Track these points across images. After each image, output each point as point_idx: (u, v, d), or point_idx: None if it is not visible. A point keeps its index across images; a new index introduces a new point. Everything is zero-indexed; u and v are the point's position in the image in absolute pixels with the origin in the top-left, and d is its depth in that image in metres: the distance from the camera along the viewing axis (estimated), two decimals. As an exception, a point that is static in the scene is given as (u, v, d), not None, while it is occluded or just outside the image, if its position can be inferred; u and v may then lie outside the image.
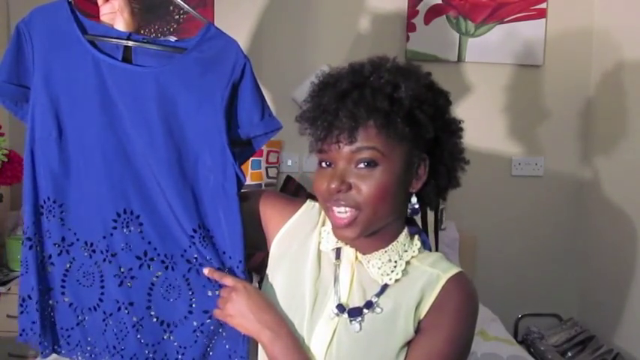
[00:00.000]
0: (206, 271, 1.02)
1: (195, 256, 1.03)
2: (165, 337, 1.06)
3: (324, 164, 0.93)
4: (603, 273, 2.51)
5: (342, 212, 0.90)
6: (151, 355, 1.06)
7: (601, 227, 2.52)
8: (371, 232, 0.94)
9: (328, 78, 0.95)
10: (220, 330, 1.05)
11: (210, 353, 1.06)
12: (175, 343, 1.06)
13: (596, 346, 2.38)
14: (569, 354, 2.40)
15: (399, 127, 0.88)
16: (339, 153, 0.90)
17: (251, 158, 2.33)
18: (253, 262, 2.23)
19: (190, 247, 1.03)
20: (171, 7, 2.35)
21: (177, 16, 2.37)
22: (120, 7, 1.05)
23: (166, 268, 1.04)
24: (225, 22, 2.40)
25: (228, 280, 1.00)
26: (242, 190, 1.06)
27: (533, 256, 2.63)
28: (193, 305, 1.04)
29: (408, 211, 0.96)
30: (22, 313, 1.06)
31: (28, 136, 1.03)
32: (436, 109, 0.93)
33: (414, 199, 0.95)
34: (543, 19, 2.51)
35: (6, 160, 1.94)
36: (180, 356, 1.06)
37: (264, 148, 2.40)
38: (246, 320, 0.96)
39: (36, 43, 1.01)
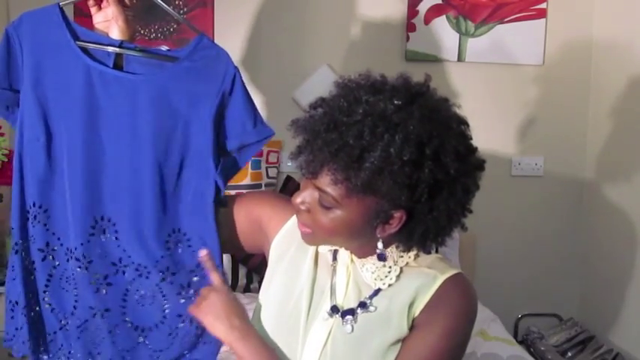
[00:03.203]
0: (203, 252, 1.02)
1: (168, 266, 1.03)
2: (139, 342, 1.06)
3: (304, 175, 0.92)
4: (603, 273, 2.51)
5: (301, 225, 0.93)
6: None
7: (601, 227, 2.52)
8: (353, 243, 0.94)
9: (320, 101, 0.91)
10: (197, 332, 1.05)
11: (187, 355, 1.06)
12: (150, 347, 1.06)
13: (596, 346, 2.38)
14: (569, 354, 2.40)
15: (359, 185, 0.82)
16: (308, 178, 0.89)
17: (251, 158, 2.34)
18: (253, 263, 2.24)
19: (163, 257, 1.03)
20: (171, 7, 2.35)
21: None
22: (114, 14, 1.04)
23: (140, 275, 1.04)
24: (225, 22, 2.40)
25: (214, 277, 1.01)
26: (241, 192, 1.06)
27: (533, 256, 2.63)
28: (167, 311, 1.05)
29: (375, 252, 0.92)
30: (12, 318, 1.07)
31: (16, 141, 1.03)
32: (418, 180, 0.82)
33: (380, 245, 0.91)
34: (543, 19, 2.51)
35: (6, 160, 1.94)
36: (155, 359, 1.06)
37: (264, 148, 2.40)
38: (218, 321, 0.95)
39: (25, 47, 1.01)
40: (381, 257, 0.92)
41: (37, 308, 1.06)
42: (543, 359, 2.36)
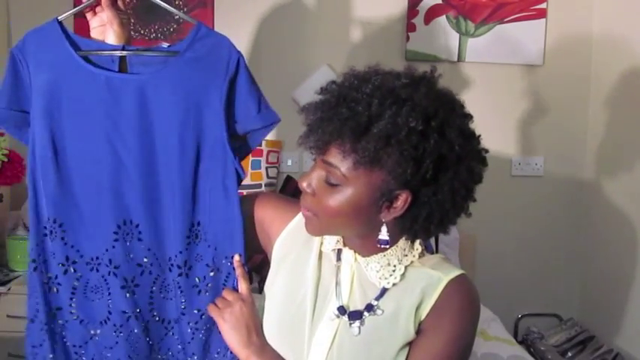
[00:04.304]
0: (236, 257, 1.04)
1: (185, 260, 1.04)
2: (167, 334, 1.08)
3: (313, 159, 0.94)
4: (603, 273, 2.51)
5: (305, 211, 0.93)
6: (157, 355, 1.08)
7: (601, 227, 2.52)
8: (356, 236, 0.95)
9: (330, 83, 0.93)
10: (216, 325, 1.06)
11: (210, 346, 1.08)
12: (176, 338, 1.08)
13: (596, 346, 2.38)
14: (569, 354, 2.40)
15: (366, 156, 0.83)
16: (317, 156, 0.91)
17: (251, 158, 2.35)
18: (253, 262, 2.23)
19: (181, 252, 1.04)
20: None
21: (177, 16, 2.37)
22: (109, 19, 1.05)
23: (163, 270, 1.06)
24: (225, 22, 2.40)
25: (243, 286, 1.03)
26: (241, 192, 1.06)
27: (533, 256, 2.63)
28: (185, 307, 1.06)
29: (377, 239, 0.91)
30: (30, 335, 1.07)
31: (29, 157, 1.03)
32: (424, 153, 0.83)
33: (383, 229, 0.90)
34: (543, 19, 2.51)
35: (6, 160, 1.95)
36: (182, 350, 1.08)
37: (264, 148, 2.40)
38: (237, 332, 0.97)
39: (32, 67, 1.02)
40: (384, 243, 0.91)
41: (62, 322, 1.07)
42: (543, 359, 2.36)
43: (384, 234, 0.90)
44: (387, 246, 0.92)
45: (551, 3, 2.51)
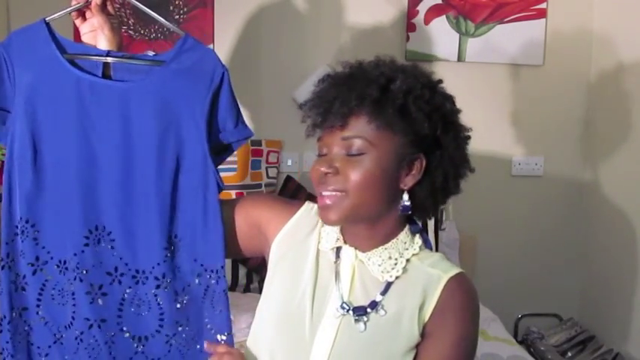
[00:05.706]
0: (205, 344, 1.02)
1: (164, 272, 1.03)
2: (137, 352, 1.06)
3: (321, 153, 0.96)
4: (603, 273, 2.51)
5: (328, 194, 0.93)
6: None
7: (601, 227, 2.52)
8: (365, 226, 0.95)
9: (330, 72, 0.98)
10: (194, 338, 1.05)
11: None
12: (148, 357, 1.06)
13: (596, 346, 2.38)
14: (569, 354, 2.40)
15: (389, 117, 0.90)
16: (332, 139, 0.93)
17: (251, 158, 2.36)
18: (253, 263, 2.24)
19: (159, 264, 1.03)
20: (171, 7, 2.35)
21: (178, 16, 2.37)
22: (99, 24, 1.05)
23: (137, 282, 1.04)
24: (225, 22, 2.41)
25: (220, 349, 1.00)
26: (241, 192, 1.06)
27: (533, 256, 2.63)
28: (164, 319, 1.05)
29: (399, 207, 0.95)
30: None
31: (6, 158, 1.03)
32: (434, 109, 0.92)
33: (405, 196, 0.95)
34: (543, 19, 2.51)
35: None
36: None
37: (264, 148, 2.40)
38: None
39: (16, 66, 1.01)
40: (406, 209, 0.95)
41: (28, 323, 1.05)
42: (543, 359, 2.36)
43: (405, 200, 0.95)
44: (409, 212, 0.96)
45: (551, 3, 2.51)
